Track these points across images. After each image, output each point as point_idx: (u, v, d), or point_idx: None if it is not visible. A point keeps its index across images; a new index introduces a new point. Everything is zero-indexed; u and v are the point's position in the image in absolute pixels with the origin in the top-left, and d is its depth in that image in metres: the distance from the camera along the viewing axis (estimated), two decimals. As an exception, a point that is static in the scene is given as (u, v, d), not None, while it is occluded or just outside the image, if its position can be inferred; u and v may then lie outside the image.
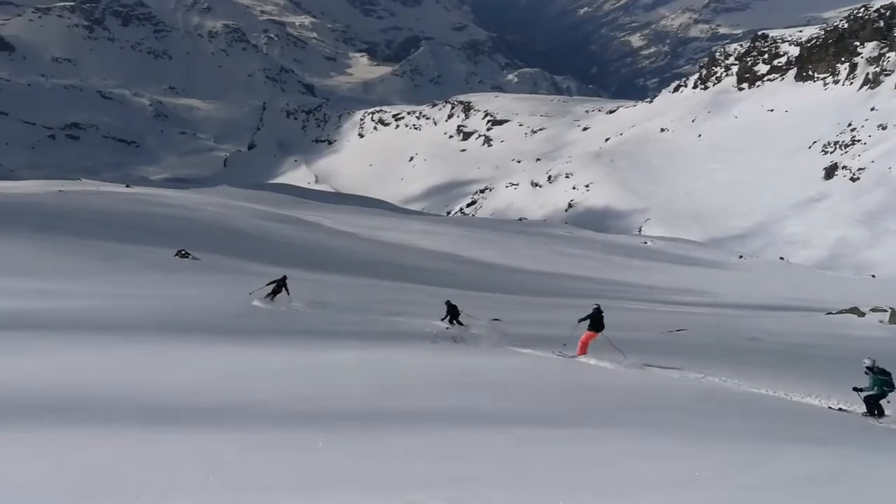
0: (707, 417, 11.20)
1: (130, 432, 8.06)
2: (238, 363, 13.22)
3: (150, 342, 14.85)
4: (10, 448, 7.30)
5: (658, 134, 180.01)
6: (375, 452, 7.82)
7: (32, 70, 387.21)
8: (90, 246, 36.12)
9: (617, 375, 14.68)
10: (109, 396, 9.81)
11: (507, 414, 10.20)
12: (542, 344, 18.03)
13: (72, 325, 16.48)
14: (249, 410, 9.39)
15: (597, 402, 11.83)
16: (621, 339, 19.82)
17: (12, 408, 8.85)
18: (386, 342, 17.89)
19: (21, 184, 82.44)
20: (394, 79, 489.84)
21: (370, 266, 46.43)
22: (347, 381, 12.21)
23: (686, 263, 72.00)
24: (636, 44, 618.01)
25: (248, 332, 17.52)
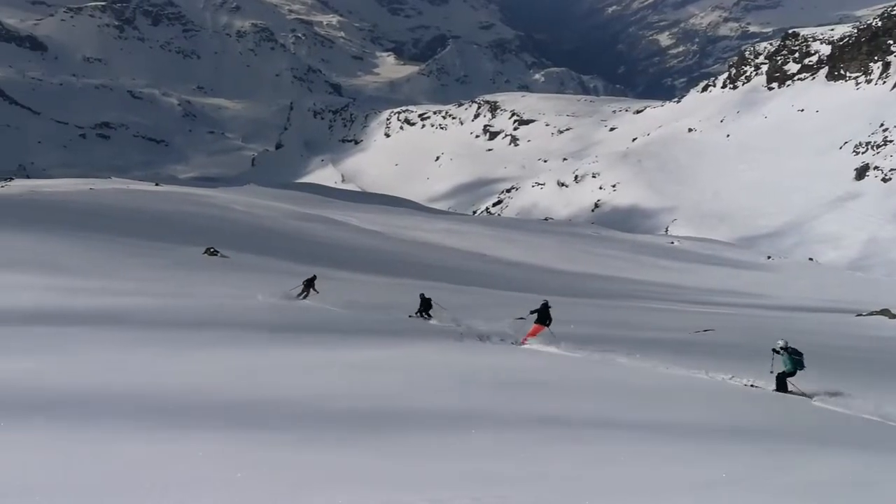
0: (732, 419, 11.13)
1: (158, 428, 8.16)
2: (267, 361, 13.33)
3: (178, 339, 15.02)
4: (38, 444, 7.42)
5: (686, 134, 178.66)
6: (401, 451, 7.86)
7: (64, 70, 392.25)
8: (120, 243, 36.54)
9: (641, 375, 14.62)
10: (137, 394, 9.94)
11: (531, 413, 10.20)
12: (568, 343, 18.00)
13: (99, 321, 16.69)
14: (279, 408, 9.47)
15: (620, 402, 11.79)
16: (648, 339, 19.74)
17: (38, 403, 9.00)
18: (412, 341, 17.94)
19: (54, 182, 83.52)
20: (420, 78, 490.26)
21: (396, 265, 46.55)
22: (374, 379, 12.27)
23: (713, 264, 71.41)
24: (664, 43, 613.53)
25: (277, 330, 17.65)
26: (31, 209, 48.14)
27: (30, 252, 29.24)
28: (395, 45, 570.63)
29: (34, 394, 9.48)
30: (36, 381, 10.31)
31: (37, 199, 54.12)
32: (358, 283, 31.51)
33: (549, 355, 16.76)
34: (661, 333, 22.00)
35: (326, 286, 25.40)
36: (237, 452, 7.45)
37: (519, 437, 8.75)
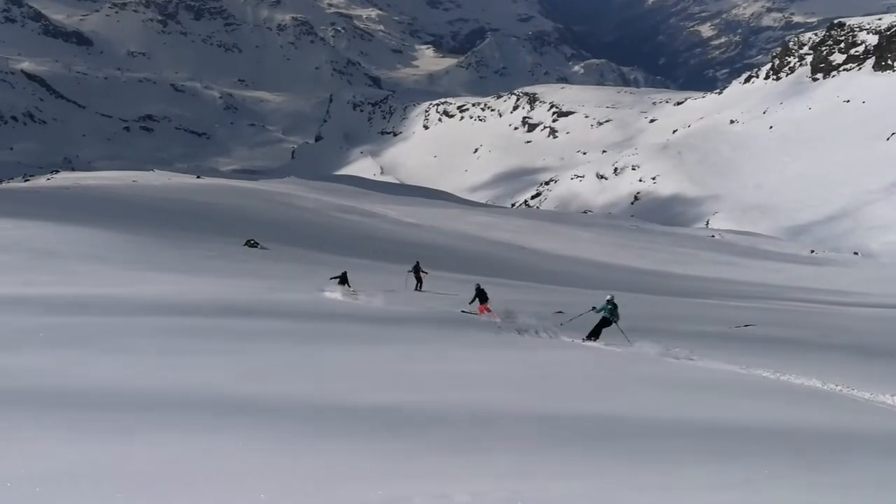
0: (770, 415, 11.00)
1: (198, 419, 8.28)
2: (304, 353, 13.45)
3: (215, 330, 15.20)
4: (82, 435, 7.57)
5: (727, 126, 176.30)
6: (439, 444, 7.90)
7: (109, 64, 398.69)
8: (163, 235, 37.08)
9: (682, 370, 14.51)
10: (178, 388, 10.09)
11: (571, 408, 10.18)
12: (606, 337, 17.92)
13: (137, 312, 16.96)
14: (315, 400, 9.56)
15: (661, 398, 11.71)
16: (687, 333, 19.56)
17: (79, 394, 9.17)
18: (450, 333, 17.99)
19: (98, 174, 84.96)
20: (459, 70, 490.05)
21: (433, 256, 46.63)
22: (412, 371, 12.33)
23: (755, 257, 70.46)
24: (706, 34, 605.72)
25: (314, 321, 17.79)
26: (78, 201, 49.07)
27: (78, 244, 29.82)
28: (433, 37, 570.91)
29: (75, 384, 9.66)
30: (76, 372, 10.51)
31: (81, 193, 55.11)
32: (396, 274, 31.58)
33: (588, 350, 16.70)
34: (701, 328, 21.78)
35: (371, 279, 25.55)
36: (272, 444, 7.53)
37: (560, 432, 8.74)
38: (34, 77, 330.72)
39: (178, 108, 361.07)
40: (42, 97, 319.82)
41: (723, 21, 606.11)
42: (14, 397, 8.52)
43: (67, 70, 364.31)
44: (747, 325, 22.38)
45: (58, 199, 49.99)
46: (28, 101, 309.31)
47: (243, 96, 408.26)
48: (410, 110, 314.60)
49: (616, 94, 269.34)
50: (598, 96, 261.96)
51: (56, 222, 35.69)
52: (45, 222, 35.14)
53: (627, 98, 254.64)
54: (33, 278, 21.85)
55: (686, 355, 16.05)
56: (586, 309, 18.99)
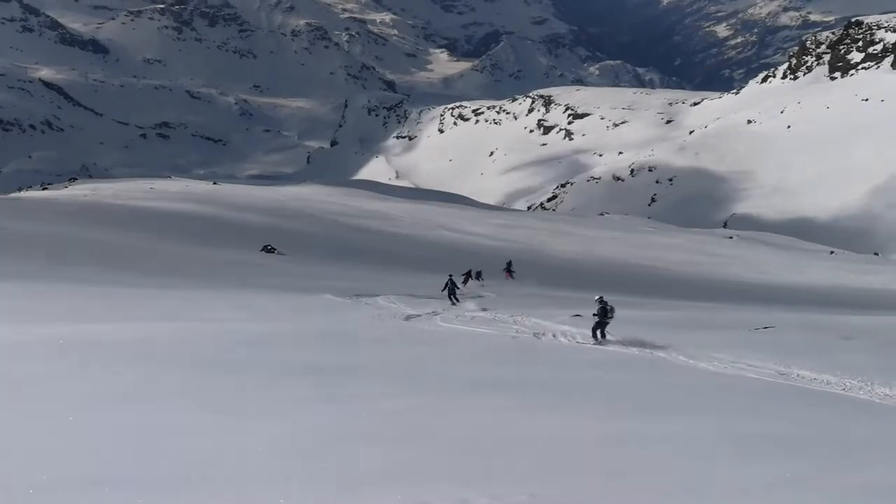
0: (796, 418, 10.91)
1: (219, 422, 8.32)
2: (327, 356, 13.48)
3: (237, 333, 15.26)
4: (102, 429, 7.61)
5: (744, 126, 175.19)
6: (461, 446, 7.88)
7: (125, 71, 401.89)
8: (185, 243, 37.30)
9: (700, 373, 14.42)
10: (198, 388, 10.13)
11: (590, 410, 10.14)
12: (626, 340, 17.85)
13: (160, 317, 17.07)
14: (333, 403, 9.57)
15: (685, 401, 11.64)
16: (707, 336, 19.44)
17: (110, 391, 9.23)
18: (468, 337, 17.98)
19: (116, 184, 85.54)
20: (474, 74, 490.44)
21: (448, 261, 46.64)
22: (429, 375, 12.33)
23: (774, 258, 69.96)
24: (722, 34, 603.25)
25: (334, 329, 17.84)
26: (95, 213, 49.43)
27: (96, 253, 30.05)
28: (448, 41, 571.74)
29: (110, 381, 9.73)
30: (109, 366, 10.58)
31: (101, 203, 55.56)
32: (418, 278, 31.65)
33: (604, 353, 16.64)
34: (720, 331, 21.64)
35: (390, 285, 25.60)
36: (299, 447, 7.55)
37: (580, 435, 8.71)
38: (52, 85, 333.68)
39: (193, 114, 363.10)
40: (60, 105, 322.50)
41: (739, 21, 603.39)
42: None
43: (84, 78, 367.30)
44: (766, 326, 22.21)
45: (80, 212, 50.33)
46: (46, 110, 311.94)
47: (258, 102, 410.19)
48: (425, 114, 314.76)
49: (632, 95, 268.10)
50: (613, 98, 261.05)
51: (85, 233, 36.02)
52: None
53: (643, 99, 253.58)
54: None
55: (705, 357, 15.95)
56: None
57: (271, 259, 37.89)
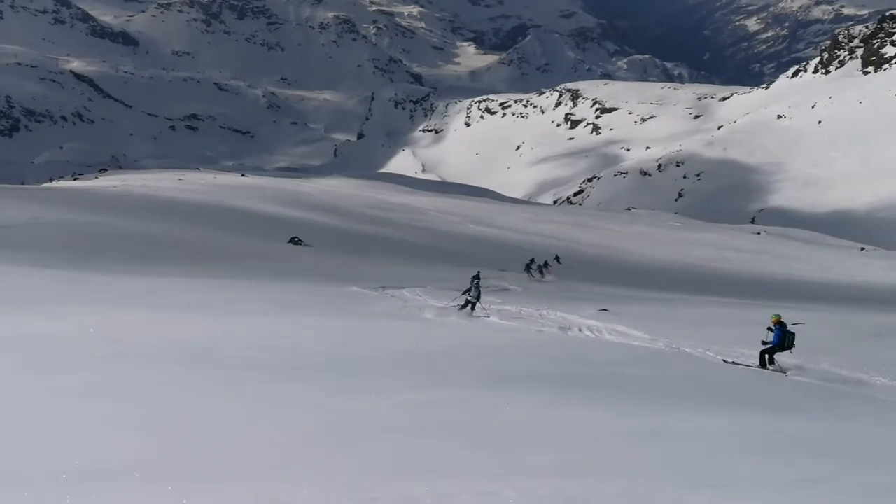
0: (824, 415, 10.84)
1: (245, 412, 8.42)
2: (352, 348, 13.56)
3: (265, 328, 15.39)
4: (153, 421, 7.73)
5: (774, 121, 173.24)
6: (487, 439, 7.92)
7: (154, 64, 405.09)
8: (211, 234, 37.57)
9: (733, 371, 14.36)
10: (224, 376, 10.24)
11: (616, 406, 10.13)
12: (645, 336, 17.80)
13: (191, 307, 17.25)
14: (363, 396, 9.63)
15: (710, 396, 11.61)
16: (733, 334, 19.31)
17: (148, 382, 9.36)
18: (495, 330, 18.01)
19: (145, 175, 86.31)
20: (501, 67, 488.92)
21: (474, 254, 46.67)
22: (456, 368, 12.36)
23: (803, 255, 69.26)
24: (752, 27, 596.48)
25: (363, 320, 17.94)
26: (125, 203, 49.92)
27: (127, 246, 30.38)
28: (475, 34, 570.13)
29: (140, 374, 9.88)
30: (143, 360, 10.74)
31: (130, 193, 56.11)
32: (443, 272, 31.70)
33: (630, 348, 16.60)
34: (747, 327, 21.49)
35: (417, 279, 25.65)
36: (329, 439, 7.62)
37: (606, 429, 8.72)
38: (83, 77, 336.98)
39: (221, 106, 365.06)
40: (90, 97, 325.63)
41: (770, 14, 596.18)
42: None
43: (115, 70, 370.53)
44: (794, 323, 22.02)
45: (108, 202, 50.88)
46: (77, 101, 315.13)
47: (286, 95, 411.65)
48: (452, 107, 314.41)
49: (660, 89, 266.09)
50: (641, 92, 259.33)
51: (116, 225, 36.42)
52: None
53: (671, 94, 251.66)
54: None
55: (731, 353, 15.88)
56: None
57: (298, 251, 38.11)
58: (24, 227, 31.05)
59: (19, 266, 21.80)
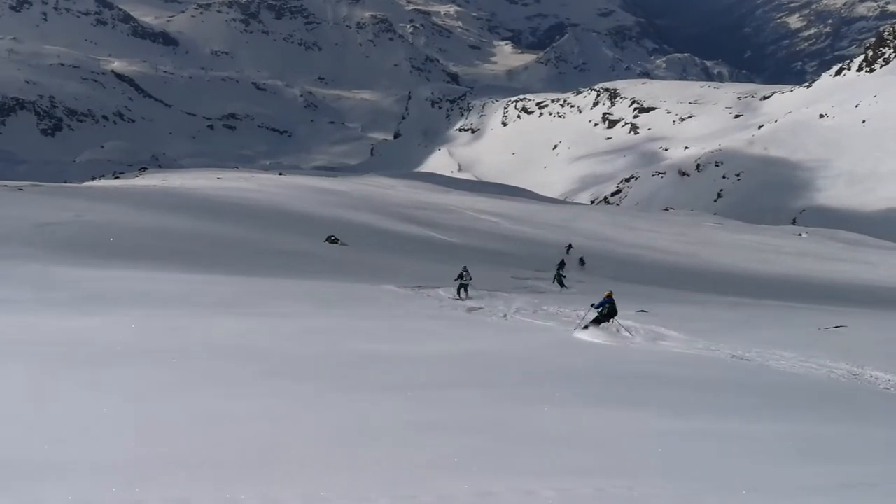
0: (868, 421, 10.64)
1: (289, 410, 8.47)
2: (390, 346, 13.59)
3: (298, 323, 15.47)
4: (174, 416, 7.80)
5: (817, 120, 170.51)
6: (526, 438, 7.89)
7: (193, 63, 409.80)
8: (251, 231, 37.90)
9: (773, 374, 14.13)
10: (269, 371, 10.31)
11: (660, 406, 10.03)
12: (687, 338, 17.60)
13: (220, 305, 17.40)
14: (403, 394, 9.65)
15: (751, 399, 11.44)
16: (774, 336, 19.01)
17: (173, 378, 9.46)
18: (531, 330, 17.94)
19: (185, 174, 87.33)
20: (538, 66, 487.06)
21: (507, 254, 46.58)
22: (493, 367, 12.34)
23: (845, 257, 68.09)
24: (794, 25, 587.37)
25: (399, 319, 17.96)
26: (164, 201, 50.51)
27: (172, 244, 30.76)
28: (512, 33, 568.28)
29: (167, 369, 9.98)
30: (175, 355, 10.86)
31: (170, 192, 56.79)
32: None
33: (669, 349, 16.43)
34: (789, 329, 21.18)
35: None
36: (371, 437, 7.64)
37: (646, 430, 8.64)
38: (124, 77, 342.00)
39: (260, 106, 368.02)
40: (131, 97, 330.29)
41: (812, 11, 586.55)
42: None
43: (155, 70, 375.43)
44: (837, 326, 21.64)
45: (154, 201, 51.59)
46: (118, 101, 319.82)
47: (323, 94, 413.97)
48: (488, 107, 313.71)
49: (699, 88, 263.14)
50: (680, 91, 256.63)
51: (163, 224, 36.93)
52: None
53: (711, 93, 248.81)
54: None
55: (773, 356, 15.63)
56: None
57: (334, 249, 38.31)
58: (67, 226, 31.58)
59: (61, 265, 22.17)
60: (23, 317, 13.66)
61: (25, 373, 9.38)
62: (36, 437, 6.83)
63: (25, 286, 17.84)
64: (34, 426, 7.21)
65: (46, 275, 20.03)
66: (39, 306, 15.19)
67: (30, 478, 5.87)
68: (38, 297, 16.46)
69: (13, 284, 18.08)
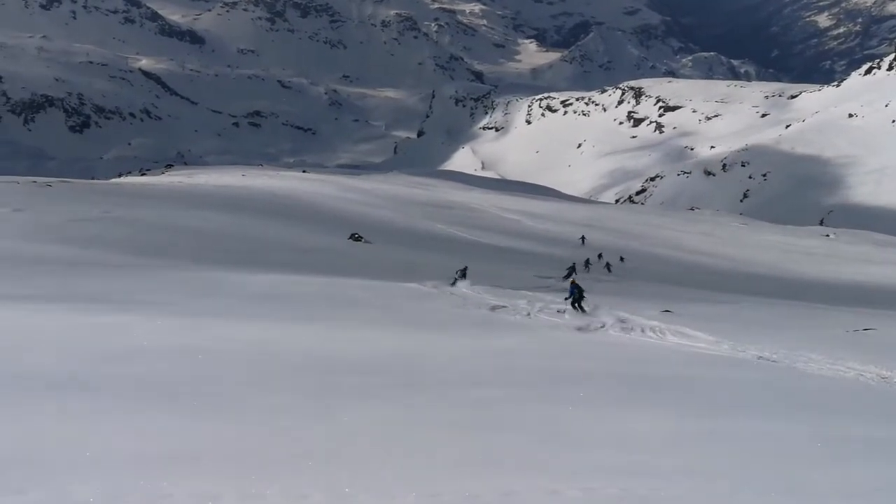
0: (886, 421, 10.50)
1: (311, 406, 8.49)
2: (419, 345, 13.59)
3: (324, 319, 15.51)
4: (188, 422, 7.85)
5: (845, 120, 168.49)
6: (550, 437, 7.86)
7: (219, 61, 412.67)
8: (272, 228, 38.13)
9: (802, 376, 13.98)
10: (285, 374, 10.34)
11: (685, 406, 9.96)
12: (712, 338, 17.46)
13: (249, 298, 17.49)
14: (426, 392, 9.64)
15: (779, 400, 11.33)
16: (799, 337, 18.79)
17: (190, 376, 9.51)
18: (555, 329, 17.87)
19: (210, 171, 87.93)
20: (563, 65, 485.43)
21: (533, 252, 46.49)
22: (517, 366, 12.30)
23: (874, 258, 67.28)
24: (823, 24, 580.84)
25: (422, 316, 17.96)
26: (190, 198, 50.92)
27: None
28: (537, 32, 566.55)
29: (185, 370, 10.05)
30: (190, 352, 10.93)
31: (195, 189, 57.20)
32: (503, 269, 31.60)
33: (694, 350, 16.31)
34: (817, 330, 20.95)
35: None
36: (395, 434, 7.64)
37: (672, 430, 8.57)
38: (151, 75, 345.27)
39: (284, 104, 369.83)
40: (158, 94, 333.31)
41: (842, 10, 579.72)
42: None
43: (181, 68, 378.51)
44: (867, 328, 21.37)
45: (177, 197, 52.00)
46: (145, 98, 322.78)
47: (348, 92, 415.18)
48: (513, 105, 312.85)
49: (725, 87, 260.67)
50: (706, 90, 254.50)
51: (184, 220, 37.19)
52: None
53: (738, 92, 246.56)
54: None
55: (801, 357, 15.46)
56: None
57: (358, 247, 38.41)
58: (95, 223, 31.90)
59: (86, 263, 22.41)
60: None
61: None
62: (60, 431, 6.90)
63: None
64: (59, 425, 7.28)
65: (74, 269, 20.25)
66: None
67: (58, 472, 5.93)
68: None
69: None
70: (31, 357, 9.88)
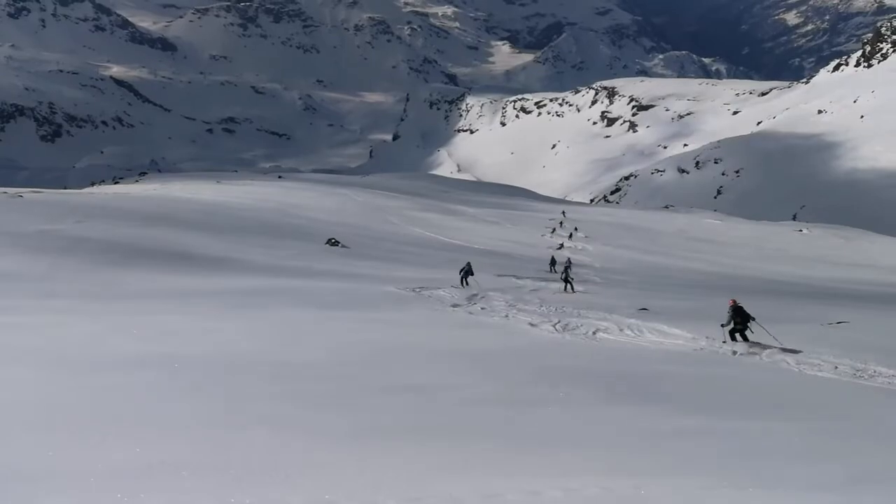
0: (872, 416, 10.61)
1: (296, 415, 8.44)
2: (392, 347, 13.56)
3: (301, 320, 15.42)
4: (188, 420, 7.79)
5: (815, 116, 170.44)
6: (530, 438, 7.87)
7: (192, 68, 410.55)
8: (249, 234, 37.91)
9: (777, 370, 14.12)
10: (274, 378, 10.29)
11: (664, 403, 10.00)
12: (691, 336, 17.58)
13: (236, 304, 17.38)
14: (405, 395, 9.62)
15: (755, 396, 11.42)
16: (776, 332, 18.97)
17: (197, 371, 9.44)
18: (533, 330, 17.90)
19: (184, 180, 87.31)
20: (536, 66, 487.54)
21: (511, 255, 46.55)
22: (495, 367, 12.31)
23: (846, 253, 68.06)
24: (792, 21, 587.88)
25: (400, 318, 17.94)
26: (161, 209, 50.51)
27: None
28: (509, 33, 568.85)
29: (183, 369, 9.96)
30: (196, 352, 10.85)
31: (166, 199, 56.75)
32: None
33: (672, 347, 16.41)
34: (792, 325, 21.13)
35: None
36: (374, 441, 7.63)
37: (652, 429, 8.61)
38: (122, 83, 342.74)
39: (258, 109, 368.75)
40: (130, 102, 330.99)
41: (810, 7, 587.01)
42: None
43: (153, 75, 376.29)
44: (840, 321, 21.60)
45: (150, 210, 51.59)
46: (117, 106, 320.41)
47: (322, 97, 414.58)
48: (487, 107, 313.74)
49: (697, 86, 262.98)
50: (678, 89, 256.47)
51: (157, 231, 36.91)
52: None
53: (709, 90, 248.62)
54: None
55: (778, 355, 15.61)
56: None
57: (335, 252, 38.30)
58: (68, 230, 31.60)
59: (60, 270, 22.19)
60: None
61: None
62: (36, 443, 6.82)
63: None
64: (37, 431, 7.20)
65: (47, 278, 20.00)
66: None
67: (32, 484, 5.86)
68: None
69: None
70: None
